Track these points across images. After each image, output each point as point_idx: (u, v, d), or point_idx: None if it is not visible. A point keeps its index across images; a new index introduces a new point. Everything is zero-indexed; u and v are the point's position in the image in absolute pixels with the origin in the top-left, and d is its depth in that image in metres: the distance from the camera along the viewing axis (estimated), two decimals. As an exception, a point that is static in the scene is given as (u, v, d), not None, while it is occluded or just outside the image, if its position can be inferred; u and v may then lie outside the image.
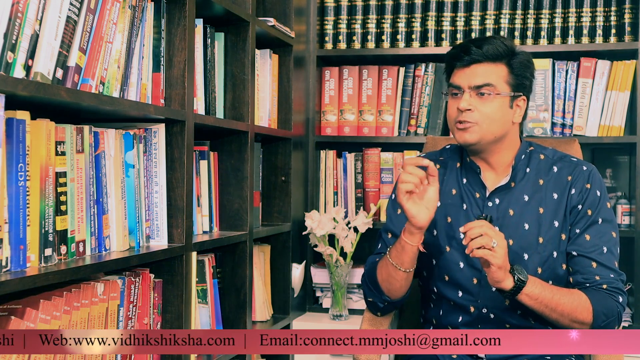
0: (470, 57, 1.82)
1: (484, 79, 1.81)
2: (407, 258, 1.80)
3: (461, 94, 1.82)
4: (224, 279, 2.43)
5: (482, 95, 1.81)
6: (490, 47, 1.81)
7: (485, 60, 1.81)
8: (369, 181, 3.08)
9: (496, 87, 1.81)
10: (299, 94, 2.96)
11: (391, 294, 1.89)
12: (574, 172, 1.87)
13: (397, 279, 1.84)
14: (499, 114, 1.82)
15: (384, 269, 1.86)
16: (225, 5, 2.24)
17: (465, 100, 1.81)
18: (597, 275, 1.79)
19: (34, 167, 1.49)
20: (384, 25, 3.08)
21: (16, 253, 1.44)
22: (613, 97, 2.85)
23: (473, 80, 1.81)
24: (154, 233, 1.97)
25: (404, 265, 1.81)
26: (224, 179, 2.43)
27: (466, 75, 1.82)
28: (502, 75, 1.82)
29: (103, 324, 1.69)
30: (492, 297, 1.83)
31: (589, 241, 1.81)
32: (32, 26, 1.45)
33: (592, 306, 1.75)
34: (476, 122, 1.80)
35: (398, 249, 1.81)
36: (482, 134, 1.82)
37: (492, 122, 1.81)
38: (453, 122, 1.84)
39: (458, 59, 1.84)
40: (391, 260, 1.83)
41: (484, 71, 1.81)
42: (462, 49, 1.84)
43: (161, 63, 1.98)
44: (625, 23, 2.86)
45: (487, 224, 1.68)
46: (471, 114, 1.80)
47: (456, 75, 1.85)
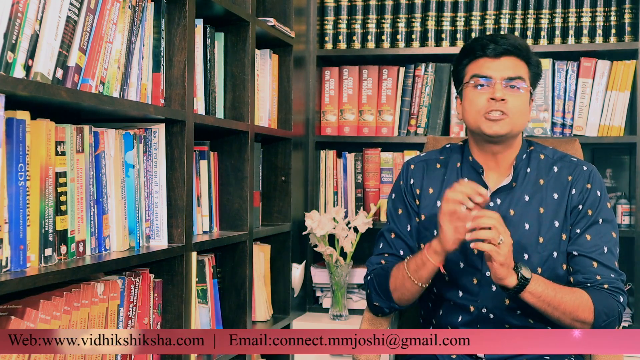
0: (502, 48, 1.81)
1: (515, 71, 1.81)
2: (426, 274, 1.79)
3: (491, 85, 1.80)
4: (224, 279, 2.43)
5: (513, 88, 1.80)
6: (517, 40, 1.82)
7: (514, 52, 1.81)
8: (369, 181, 3.08)
9: (525, 80, 1.82)
10: (299, 94, 2.96)
11: (401, 302, 1.89)
12: (575, 172, 1.86)
13: (411, 291, 1.84)
14: (525, 107, 1.83)
15: (398, 280, 1.84)
16: (225, 5, 2.24)
17: (500, 91, 1.78)
18: (598, 275, 1.79)
19: (34, 167, 1.49)
20: (384, 25, 3.08)
21: (16, 253, 1.44)
22: (613, 97, 2.85)
23: (505, 71, 1.80)
24: (154, 233, 1.97)
25: (421, 280, 1.80)
26: (224, 179, 2.43)
27: (497, 66, 1.81)
28: (526, 70, 1.83)
29: (103, 324, 1.69)
30: (492, 297, 1.83)
31: (589, 241, 1.81)
32: (32, 26, 1.45)
33: (593, 305, 1.74)
34: (507, 114, 1.79)
35: (418, 264, 1.78)
36: (512, 126, 1.80)
37: (521, 115, 1.81)
38: (481, 112, 1.81)
39: (485, 48, 1.81)
40: (409, 273, 1.80)
41: (514, 64, 1.81)
42: (489, 39, 1.83)
43: (161, 63, 1.98)
44: (625, 23, 2.86)
45: (499, 217, 1.67)
46: (505, 104, 1.79)
47: (483, 65, 1.82)
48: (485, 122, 1.81)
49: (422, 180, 1.95)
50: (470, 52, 1.86)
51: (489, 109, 1.79)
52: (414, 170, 1.97)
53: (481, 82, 1.82)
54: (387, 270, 1.89)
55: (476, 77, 1.82)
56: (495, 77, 1.80)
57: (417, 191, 1.95)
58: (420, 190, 1.94)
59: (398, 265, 1.86)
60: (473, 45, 1.86)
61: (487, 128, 1.81)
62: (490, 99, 1.79)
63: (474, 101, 1.82)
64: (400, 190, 1.98)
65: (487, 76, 1.81)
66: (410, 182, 1.96)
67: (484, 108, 1.80)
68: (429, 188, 1.94)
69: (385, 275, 1.88)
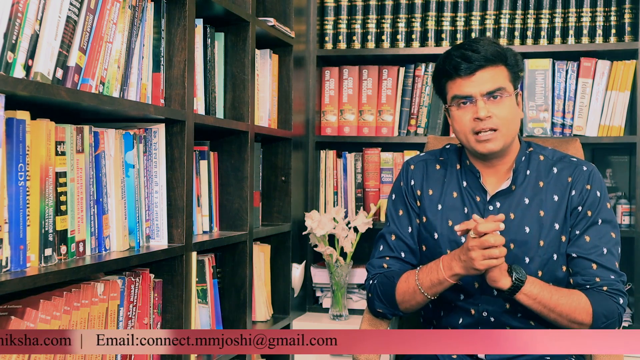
0: (474, 65, 1.78)
1: (494, 83, 1.78)
2: (442, 290, 1.79)
3: (473, 103, 1.79)
4: (224, 279, 2.43)
5: (495, 99, 1.78)
6: (488, 50, 1.78)
7: (487, 64, 1.78)
8: (369, 181, 3.08)
9: (505, 88, 1.80)
10: (299, 94, 2.96)
11: (407, 311, 1.89)
12: (574, 173, 1.86)
13: (420, 302, 1.84)
14: (512, 114, 1.81)
15: (408, 293, 1.84)
16: (225, 5, 2.24)
17: (483, 108, 1.77)
18: (597, 277, 1.78)
19: (34, 167, 1.49)
20: (384, 25, 3.08)
21: (16, 253, 1.44)
22: (613, 97, 2.85)
23: (483, 86, 1.78)
24: (154, 233, 1.97)
25: (436, 295, 1.81)
26: (224, 179, 2.43)
27: (474, 82, 1.78)
28: (504, 75, 1.81)
29: (103, 324, 1.69)
30: (492, 300, 1.83)
31: (588, 242, 1.81)
32: (32, 26, 1.45)
33: (592, 307, 1.74)
34: (496, 128, 1.78)
35: (434, 282, 1.78)
36: (504, 139, 1.80)
37: (510, 123, 1.80)
38: (469, 133, 1.80)
39: (458, 69, 1.78)
40: (422, 289, 1.80)
41: (491, 75, 1.79)
42: (460, 57, 1.78)
43: (161, 63, 1.98)
44: (625, 23, 2.86)
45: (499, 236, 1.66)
46: (491, 120, 1.77)
47: (461, 85, 1.79)
48: (477, 143, 1.80)
49: (422, 182, 1.94)
50: (444, 72, 1.83)
51: (477, 128, 1.78)
52: (414, 171, 1.97)
53: (462, 101, 1.80)
54: (393, 280, 1.87)
55: (457, 99, 1.81)
56: (475, 94, 1.78)
57: (417, 192, 1.94)
58: (421, 191, 1.94)
59: (407, 278, 1.84)
60: (445, 66, 1.82)
61: (480, 148, 1.80)
62: (475, 118, 1.78)
63: (460, 121, 1.81)
64: (400, 191, 1.97)
65: (467, 95, 1.79)
66: (410, 183, 1.96)
67: (472, 127, 1.79)
68: (429, 190, 1.93)
69: (391, 284, 1.87)
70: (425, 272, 1.80)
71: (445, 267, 1.76)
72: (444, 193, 1.91)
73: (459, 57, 1.79)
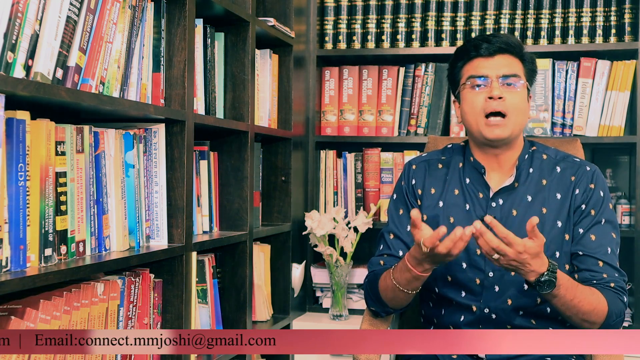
0: (495, 46, 1.81)
1: (510, 69, 1.81)
2: (420, 284, 1.78)
3: (488, 84, 1.80)
4: (224, 279, 2.43)
5: (510, 86, 1.80)
6: (509, 38, 1.83)
7: (507, 50, 1.81)
8: (369, 181, 3.08)
9: (521, 77, 1.82)
10: (299, 94, 2.96)
11: (395, 307, 1.89)
12: (578, 173, 1.86)
13: (404, 298, 1.83)
14: (524, 105, 1.82)
15: (389, 290, 1.83)
16: (225, 5, 2.24)
17: (497, 89, 1.78)
18: (604, 274, 1.78)
19: (34, 167, 1.49)
20: (384, 25, 3.08)
21: (16, 253, 1.44)
22: (613, 97, 2.85)
23: (501, 69, 1.80)
24: (154, 233, 1.97)
25: (416, 289, 1.79)
26: (224, 179, 2.43)
27: (492, 64, 1.81)
28: (520, 67, 1.83)
29: (103, 324, 1.69)
30: (495, 297, 1.83)
31: (594, 241, 1.80)
32: (32, 26, 1.45)
33: (607, 307, 1.72)
34: (506, 113, 1.78)
35: (408, 278, 1.76)
36: (513, 127, 1.80)
37: (520, 113, 1.81)
38: (480, 114, 1.80)
39: (479, 48, 1.81)
40: (400, 287, 1.78)
41: (509, 62, 1.81)
42: (482, 39, 1.83)
43: (161, 63, 1.98)
44: (625, 23, 2.86)
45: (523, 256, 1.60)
46: (503, 102, 1.78)
47: (478, 65, 1.82)
48: (485, 127, 1.80)
49: (424, 181, 1.94)
50: (464, 54, 1.86)
51: (488, 109, 1.79)
52: (416, 171, 1.97)
53: (478, 82, 1.81)
54: (377, 277, 1.88)
55: (472, 78, 1.82)
56: (491, 76, 1.80)
57: (418, 191, 1.94)
58: (422, 190, 1.94)
59: (385, 277, 1.84)
60: (466, 46, 1.86)
61: (489, 132, 1.80)
62: (488, 97, 1.79)
63: (472, 102, 1.82)
64: (401, 191, 1.97)
65: (483, 75, 1.81)
66: (412, 182, 1.96)
67: (483, 108, 1.80)
68: (430, 188, 1.93)
69: (375, 281, 1.88)
70: (398, 271, 1.79)
71: (412, 266, 1.73)
72: (446, 190, 1.91)
73: (480, 39, 1.84)
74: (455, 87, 1.90)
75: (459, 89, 1.87)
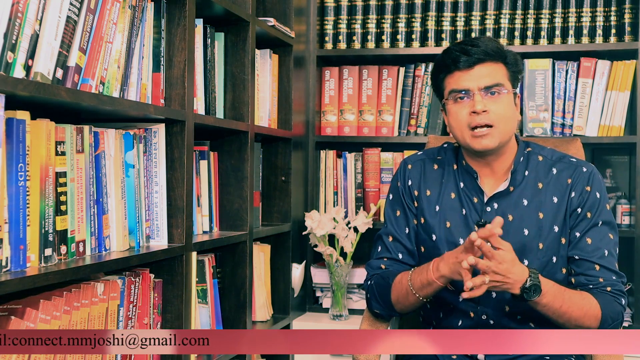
0: (474, 58, 1.76)
1: (492, 78, 1.77)
2: (432, 292, 1.78)
3: (470, 97, 1.77)
4: (224, 279, 2.43)
5: (493, 95, 1.77)
6: (488, 45, 1.77)
7: (487, 59, 1.77)
8: (369, 181, 3.08)
9: (504, 85, 1.78)
10: (299, 94, 2.96)
11: (403, 312, 1.89)
12: (574, 174, 1.84)
13: (414, 304, 1.84)
14: (510, 112, 1.79)
15: (401, 294, 1.83)
16: (225, 5, 2.24)
17: (480, 102, 1.75)
18: (600, 278, 1.77)
19: (34, 167, 1.49)
20: (384, 25, 3.08)
21: (16, 253, 1.44)
22: (613, 97, 2.85)
23: (482, 80, 1.76)
24: (154, 233, 1.97)
25: (427, 296, 1.80)
26: (224, 179, 2.43)
27: (472, 76, 1.77)
28: (503, 72, 1.79)
29: (103, 324, 1.69)
30: (492, 304, 1.82)
31: (590, 245, 1.79)
32: (32, 26, 1.45)
33: (601, 312, 1.73)
34: (492, 124, 1.76)
35: (424, 283, 1.77)
36: (501, 136, 1.77)
37: (507, 121, 1.78)
38: (465, 128, 1.78)
39: (457, 62, 1.77)
40: (414, 290, 1.79)
41: (490, 71, 1.77)
42: (459, 51, 1.78)
43: (161, 63, 1.98)
44: (625, 23, 2.86)
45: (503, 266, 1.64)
46: (487, 115, 1.75)
47: (459, 78, 1.78)
48: (472, 138, 1.78)
49: (420, 182, 1.93)
50: (443, 67, 1.82)
51: (473, 123, 1.76)
52: (412, 171, 1.95)
53: (459, 95, 1.78)
54: (388, 280, 1.87)
55: (454, 92, 1.79)
56: (473, 88, 1.77)
57: (415, 193, 1.93)
58: (419, 192, 1.93)
59: (400, 279, 1.84)
60: (444, 59, 1.81)
61: (476, 144, 1.78)
62: (471, 112, 1.76)
63: (457, 115, 1.79)
64: (398, 192, 1.96)
65: (464, 89, 1.78)
66: (408, 183, 1.95)
67: (468, 122, 1.77)
68: (427, 190, 1.92)
69: (387, 285, 1.87)
70: (417, 272, 1.80)
71: (434, 268, 1.75)
72: (442, 194, 1.89)
73: (458, 51, 1.78)
74: (440, 97, 1.87)
75: (443, 101, 1.85)
